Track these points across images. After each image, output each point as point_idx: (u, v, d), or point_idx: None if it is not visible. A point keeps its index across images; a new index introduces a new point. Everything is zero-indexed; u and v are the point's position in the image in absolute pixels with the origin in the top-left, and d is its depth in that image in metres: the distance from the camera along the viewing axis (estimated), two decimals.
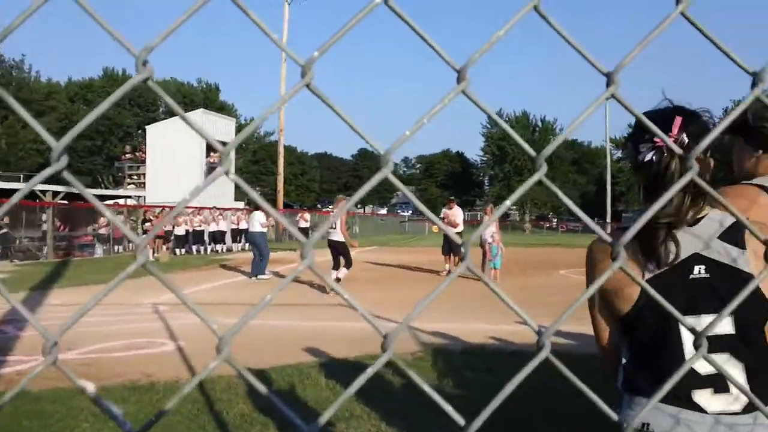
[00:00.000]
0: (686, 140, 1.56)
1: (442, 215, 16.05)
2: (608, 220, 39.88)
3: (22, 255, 21.98)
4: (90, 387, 0.67)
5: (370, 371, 0.59)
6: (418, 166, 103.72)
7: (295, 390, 5.48)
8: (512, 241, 28.39)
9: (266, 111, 0.56)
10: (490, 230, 14.38)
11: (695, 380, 1.53)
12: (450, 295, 11.67)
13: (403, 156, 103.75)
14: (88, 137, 58.93)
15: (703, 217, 1.59)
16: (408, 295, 11.91)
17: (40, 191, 24.91)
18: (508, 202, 0.63)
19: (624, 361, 1.68)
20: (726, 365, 1.51)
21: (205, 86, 69.15)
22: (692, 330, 0.78)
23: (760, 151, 2.10)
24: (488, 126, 79.60)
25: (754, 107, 2.09)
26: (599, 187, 66.90)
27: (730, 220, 1.59)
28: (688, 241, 1.56)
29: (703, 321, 1.51)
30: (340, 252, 12.63)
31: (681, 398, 1.52)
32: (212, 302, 10.89)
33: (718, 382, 1.52)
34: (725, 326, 1.53)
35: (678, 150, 0.77)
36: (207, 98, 65.04)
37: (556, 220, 76.58)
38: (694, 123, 1.60)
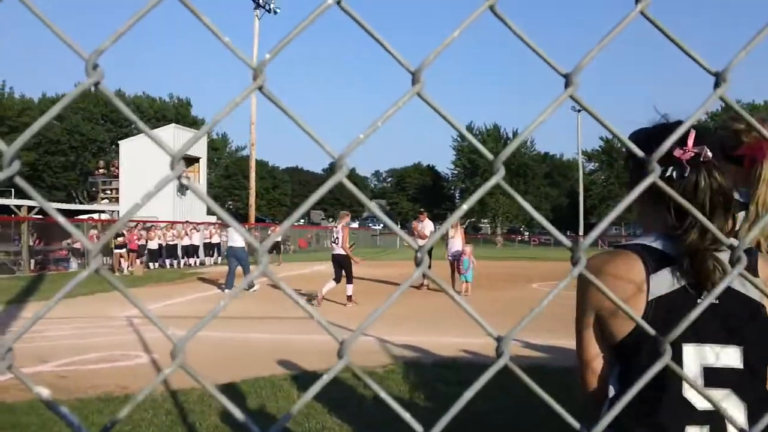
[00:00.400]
0: (710, 154, 1.43)
1: (412, 227, 16.24)
2: (581, 232, 40.15)
3: None
4: (44, 392, 0.66)
5: (326, 377, 0.59)
6: (389, 179, 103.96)
7: (268, 402, 5.44)
8: (484, 255, 28.46)
9: (218, 115, 0.55)
10: (457, 243, 14.50)
11: (691, 415, 1.39)
12: (420, 308, 11.70)
13: (374, 170, 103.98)
14: (61, 153, 58.30)
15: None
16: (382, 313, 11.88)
17: (15, 206, 24.62)
18: (465, 206, 0.63)
19: (612, 394, 1.50)
20: (725, 402, 1.39)
21: (177, 101, 68.72)
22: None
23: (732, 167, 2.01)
24: (458, 139, 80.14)
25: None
26: (571, 199, 67.63)
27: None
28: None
29: (706, 350, 1.40)
30: (342, 266, 12.72)
31: None
32: (185, 315, 10.80)
33: (715, 420, 1.38)
34: (732, 359, 1.40)
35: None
36: (179, 113, 64.65)
37: (528, 233, 77.07)
38: (705, 136, 1.48)
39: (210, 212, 34.12)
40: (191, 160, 31.09)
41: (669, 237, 1.45)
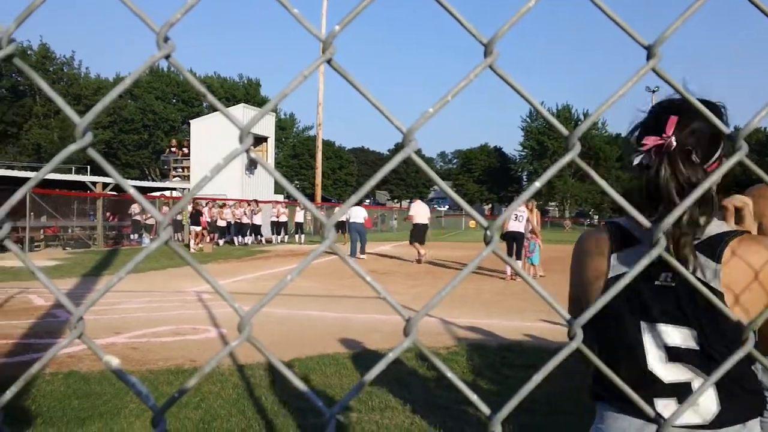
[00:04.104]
0: (674, 143, 1.43)
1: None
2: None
3: (74, 243, 22.83)
4: (114, 361, 0.68)
5: (391, 355, 0.58)
6: (455, 161, 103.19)
7: (332, 380, 5.51)
8: (552, 238, 28.03)
9: (287, 88, 0.55)
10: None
11: (658, 389, 1.45)
12: (484, 291, 11.62)
13: (440, 150, 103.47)
14: (135, 131, 60.22)
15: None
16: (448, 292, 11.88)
17: (91, 182, 25.59)
18: (537, 183, 0.61)
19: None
20: (693, 378, 1.43)
21: (246, 82, 69.83)
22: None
23: None
24: (528, 120, 78.72)
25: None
26: None
27: (716, 231, 1.46)
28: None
29: (658, 329, 1.45)
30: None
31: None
32: (250, 292, 11.02)
33: (682, 393, 1.43)
34: (688, 340, 1.43)
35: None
36: (248, 93, 65.70)
37: (597, 217, 75.40)
38: (694, 121, 1.46)
39: (277, 191, 34.65)
40: (260, 140, 31.51)
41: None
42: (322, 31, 0.52)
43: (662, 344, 1.45)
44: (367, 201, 63.81)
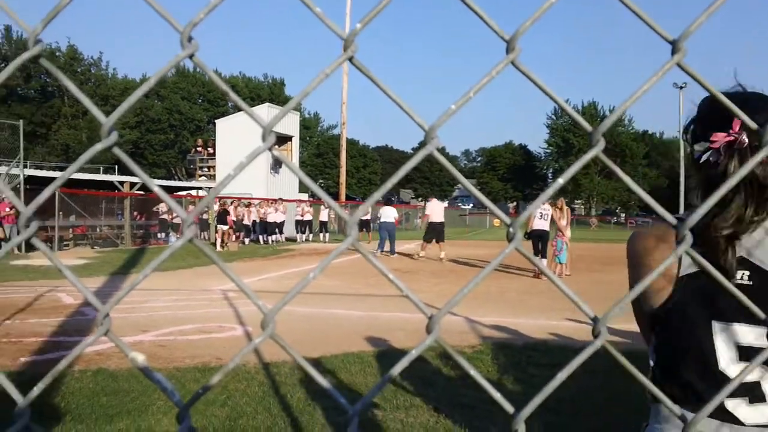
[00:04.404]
0: (746, 141, 1.36)
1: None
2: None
3: (102, 242, 23.19)
4: (139, 357, 0.68)
5: (414, 352, 0.58)
6: (480, 159, 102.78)
7: (356, 378, 5.52)
8: (578, 236, 27.79)
9: (309, 86, 0.55)
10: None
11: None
12: (509, 290, 11.57)
13: (464, 148, 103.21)
14: (161, 131, 60.86)
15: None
16: (471, 290, 11.86)
17: (118, 182, 25.92)
18: (561, 180, 0.60)
19: (651, 364, 1.54)
20: (762, 376, 1.39)
21: (271, 81, 70.22)
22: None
23: None
24: (553, 117, 78.13)
25: None
26: (671, 180, 64.87)
27: None
28: (738, 245, 1.39)
29: (733, 329, 1.40)
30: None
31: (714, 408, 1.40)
32: (275, 290, 11.08)
33: (754, 392, 1.39)
34: (760, 339, 1.39)
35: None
36: (273, 93, 66.09)
37: (624, 215, 74.61)
38: (762, 115, 1.36)
39: (302, 190, 34.80)
40: (284, 139, 31.66)
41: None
42: (345, 30, 0.52)
43: (734, 344, 1.41)
44: (393, 200, 63.74)
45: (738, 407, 1.40)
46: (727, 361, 1.41)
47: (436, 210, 17.91)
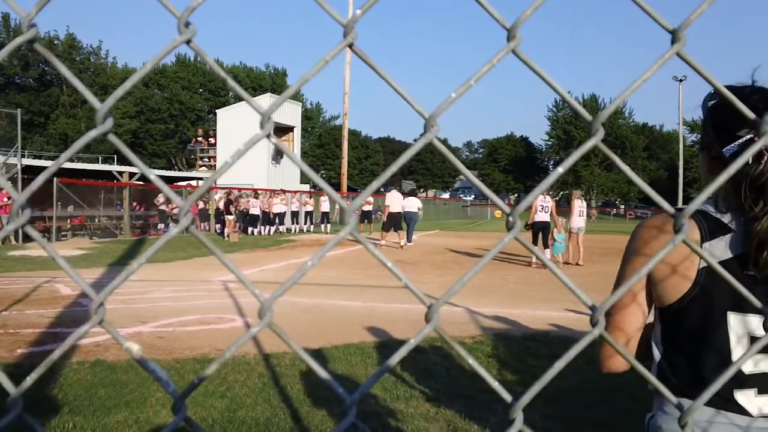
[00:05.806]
0: None
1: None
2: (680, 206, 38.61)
3: (100, 233, 23.18)
4: (134, 347, 0.68)
5: (413, 341, 0.58)
6: (481, 150, 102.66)
7: (357, 369, 5.53)
8: None
9: (308, 72, 0.54)
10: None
11: (738, 379, 1.40)
12: (505, 281, 11.58)
13: (466, 140, 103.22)
14: (162, 121, 60.67)
15: None
16: (470, 279, 11.88)
17: (117, 172, 25.88)
18: (560, 169, 0.60)
19: (657, 357, 1.53)
20: None
21: (273, 71, 69.99)
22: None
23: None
24: (554, 109, 77.91)
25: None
26: (671, 172, 64.77)
27: None
28: None
29: (748, 320, 1.39)
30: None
31: (722, 398, 1.40)
32: (276, 281, 11.08)
33: (763, 383, 1.40)
34: None
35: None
36: (274, 83, 65.86)
37: (623, 206, 74.53)
38: None
39: (304, 181, 34.76)
40: (286, 129, 31.62)
41: (727, 207, 1.42)
42: (349, 14, 0.52)
43: (747, 335, 1.41)
44: (414, 190, 63.85)
45: (746, 397, 1.40)
46: (740, 353, 1.41)
47: (395, 201, 18.93)
